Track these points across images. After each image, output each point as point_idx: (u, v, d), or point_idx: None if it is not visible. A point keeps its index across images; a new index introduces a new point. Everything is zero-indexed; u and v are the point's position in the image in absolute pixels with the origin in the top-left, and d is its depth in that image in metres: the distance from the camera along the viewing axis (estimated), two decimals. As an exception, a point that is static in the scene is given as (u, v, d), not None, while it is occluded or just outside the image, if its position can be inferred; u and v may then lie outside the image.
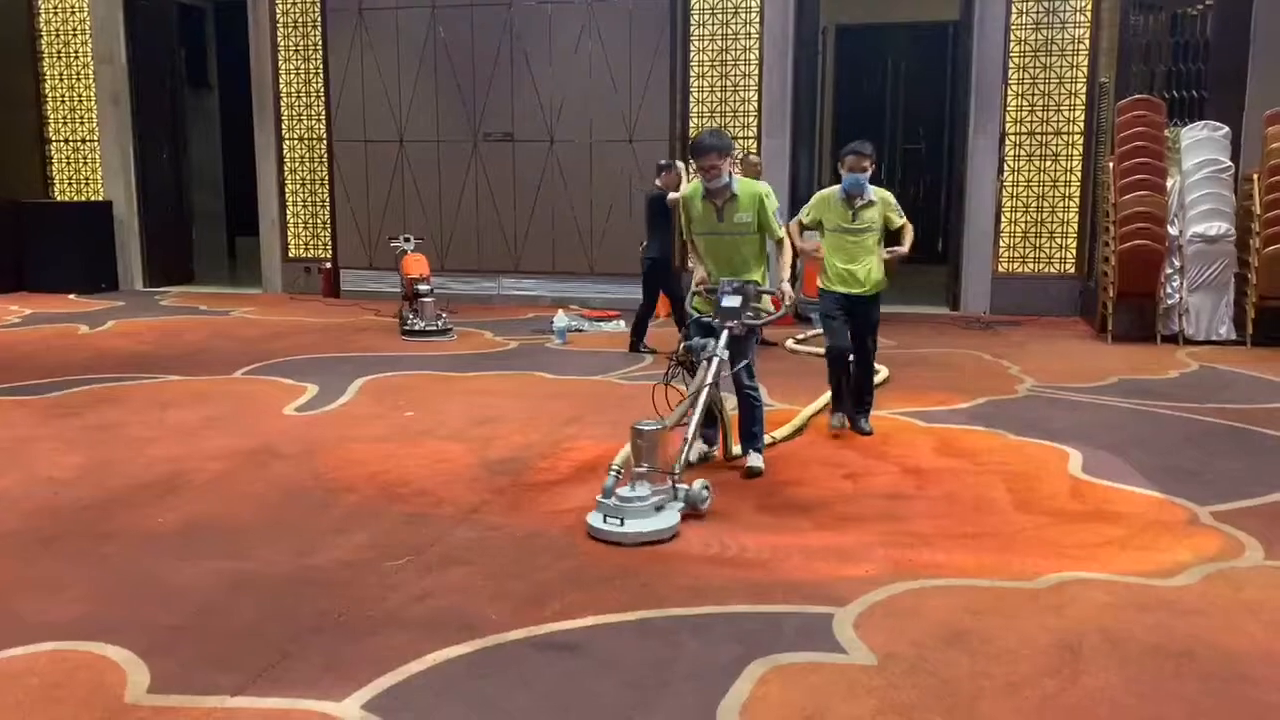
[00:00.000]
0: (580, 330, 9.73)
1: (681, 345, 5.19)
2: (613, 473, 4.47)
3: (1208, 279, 9.00)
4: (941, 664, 3.26)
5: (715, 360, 4.97)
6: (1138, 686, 3.15)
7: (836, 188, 5.95)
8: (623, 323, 10.06)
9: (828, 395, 6.72)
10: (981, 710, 3.00)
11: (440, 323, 9.39)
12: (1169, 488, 5.01)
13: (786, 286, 5.24)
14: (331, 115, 11.97)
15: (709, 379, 4.93)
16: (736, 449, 5.41)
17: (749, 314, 5.08)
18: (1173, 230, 9.05)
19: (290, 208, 12.51)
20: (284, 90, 12.28)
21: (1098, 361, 8.28)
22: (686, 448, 4.76)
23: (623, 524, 4.29)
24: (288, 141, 12.37)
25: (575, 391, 7.20)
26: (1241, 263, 9.01)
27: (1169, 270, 9.06)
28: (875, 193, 5.87)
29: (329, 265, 12.22)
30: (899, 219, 5.94)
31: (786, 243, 5.35)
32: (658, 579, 3.94)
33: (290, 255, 12.56)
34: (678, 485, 4.53)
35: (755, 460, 5.25)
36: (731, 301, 5.07)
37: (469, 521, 4.57)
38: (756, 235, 5.22)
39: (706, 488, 4.62)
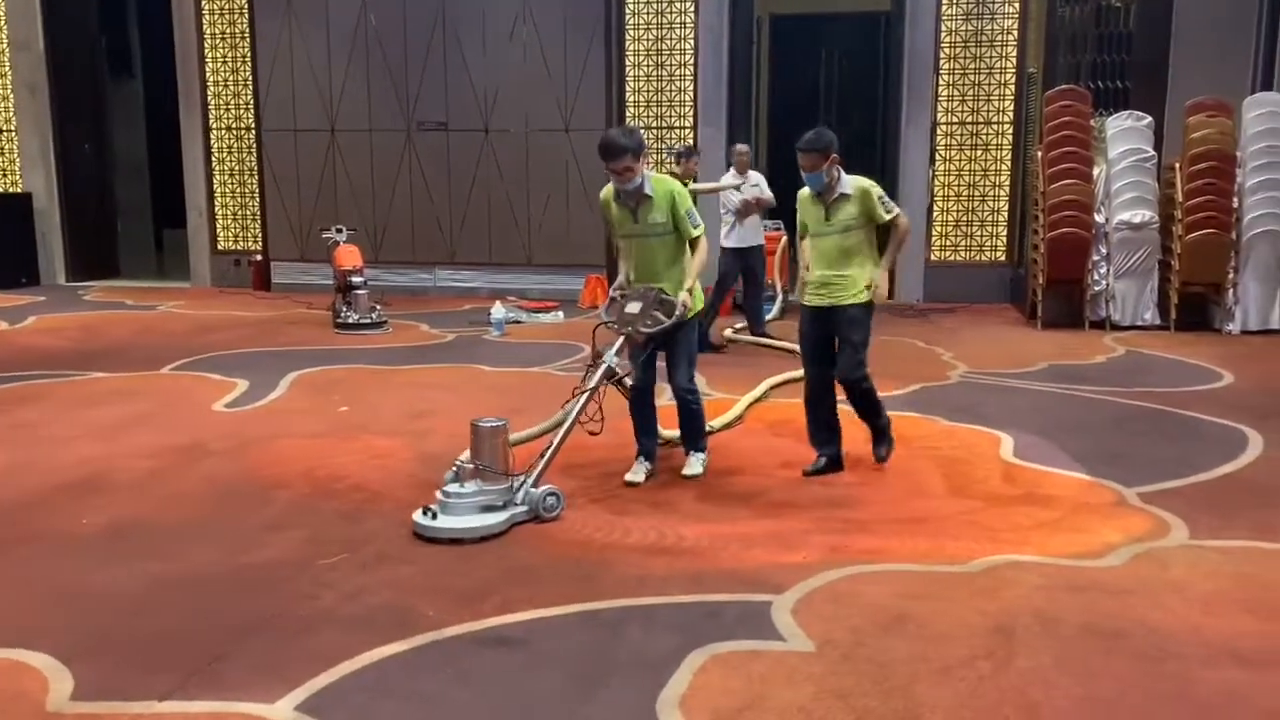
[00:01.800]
0: (518, 322, 9.66)
1: (594, 352, 4.97)
2: (454, 467, 4.42)
3: (1133, 265, 9.22)
4: (878, 649, 3.29)
5: (602, 367, 4.82)
6: (1070, 666, 3.21)
7: None
8: (561, 314, 10.03)
9: (765, 385, 6.77)
10: (917, 693, 3.03)
11: (374, 315, 9.26)
12: (1097, 470, 5.12)
13: (685, 295, 4.88)
14: (260, 104, 11.73)
15: (590, 385, 4.78)
16: (667, 433, 5.34)
17: (647, 322, 4.85)
18: (1099, 218, 9.24)
19: (219, 199, 12.25)
20: (211, 79, 12.00)
21: (1028, 347, 8.44)
22: (549, 453, 4.59)
23: (434, 518, 4.24)
24: (215, 131, 12.10)
25: (514, 384, 7.15)
26: (1165, 249, 9.25)
27: (1096, 257, 9.25)
28: (853, 185, 4.99)
29: (259, 258, 11.99)
30: (886, 213, 4.99)
31: (702, 244, 4.96)
32: (597, 571, 3.93)
33: (219, 248, 12.31)
34: (527, 488, 4.40)
35: (693, 466, 5.12)
36: (631, 308, 4.87)
37: (405, 517, 4.49)
38: (673, 236, 4.94)
39: (554, 495, 4.46)
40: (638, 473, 5.04)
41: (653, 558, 4.08)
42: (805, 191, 5.13)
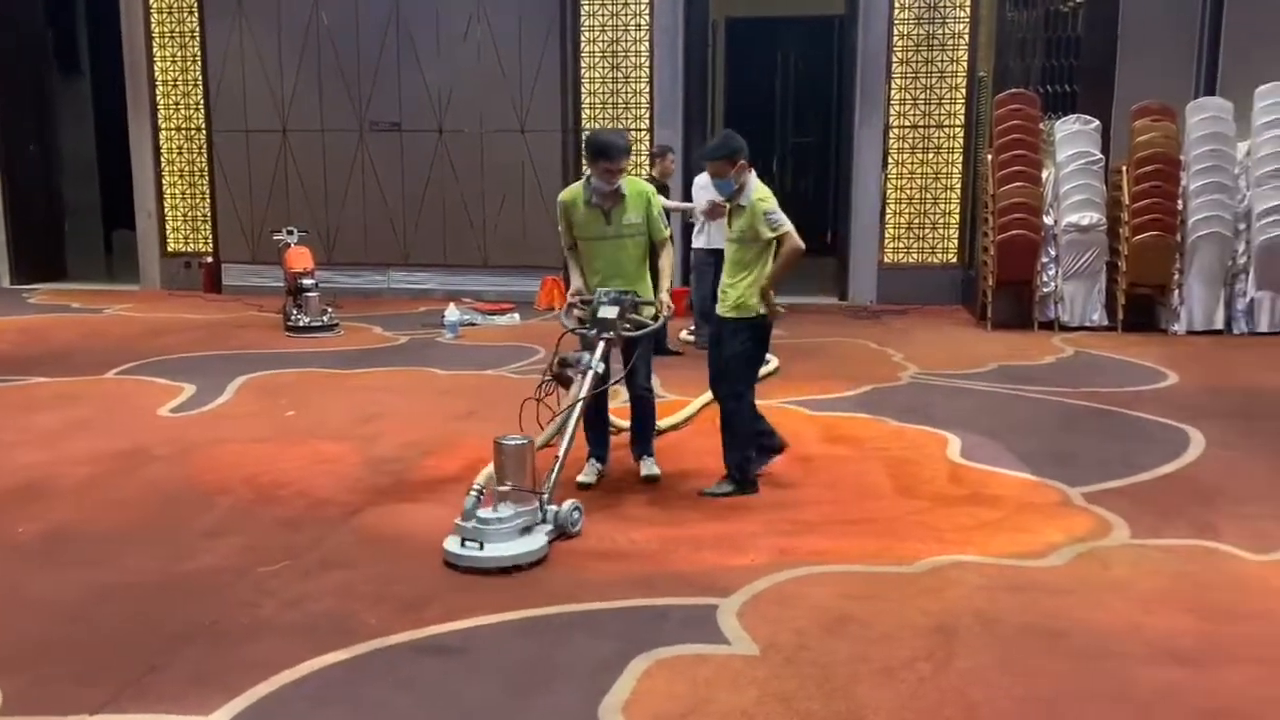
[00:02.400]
0: (473, 324, 9.60)
1: (556, 358, 4.81)
2: (473, 493, 4.13)
3: (1081, 267, 9.33)
4: (821, 651, 3.31)
5: (589, 374, 4.70)
6: (1010, 666, 3.24)
7: None
8: (517, 316, 9.98)
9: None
10: (859, 695, 3.04)
11: (326, 318, 9.15)
12: (1043, 470, 5.17)
13: (665, 296, 4.90)
14: (210, 104, 11.56)
15: (582, 393, 4.64)
16: (618, 421, 5.31)
17: (626, 325, 4.77)
18: (1048, 220, 9.35)
19: (169, 200, 12.05)
20: (160, 78, 11.80)
21: (977, 348, 8.51)
22: (557, 467, 4.41)
23: (482, 548, 3.95)
24: (165, 131, 11.90)
25: (468, 387, 7.10)
26: (1112, 251, 9.37)
27: (1044, 259, 9.36)
28: (749, 198, 4.78)
29: (210, 260, 11.81)
30: (769, 230, 4.73)
31: (669, 247, 5.03)
32: (543, 576, 3.91)
33: (169, 249, 12.10)
34: (546, 506, 4.21)
35: (651, 468, 5.11)
36: (608, 312, 4.74)
37: (350, 523, 4.46)
38: (644, 237, 4.95)
39: (578, 509, 4.33)
40: (589, 474, 5.03)
41: (602, 561, 4.07)
42: None
